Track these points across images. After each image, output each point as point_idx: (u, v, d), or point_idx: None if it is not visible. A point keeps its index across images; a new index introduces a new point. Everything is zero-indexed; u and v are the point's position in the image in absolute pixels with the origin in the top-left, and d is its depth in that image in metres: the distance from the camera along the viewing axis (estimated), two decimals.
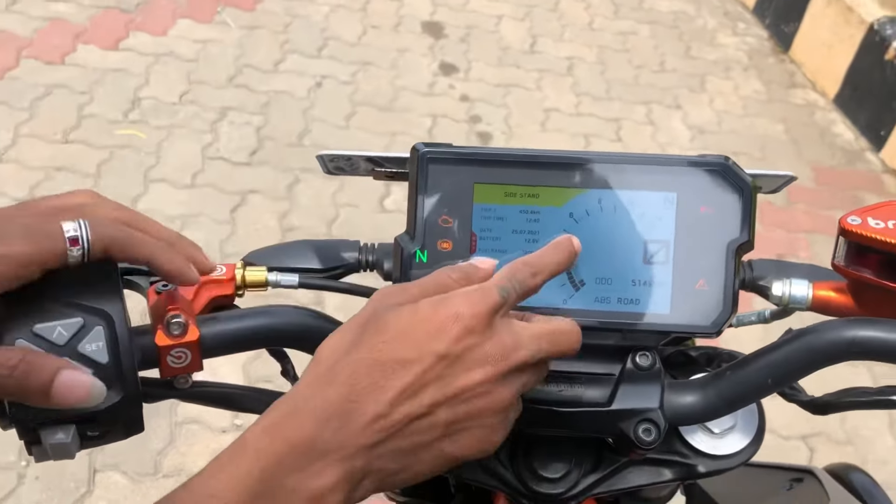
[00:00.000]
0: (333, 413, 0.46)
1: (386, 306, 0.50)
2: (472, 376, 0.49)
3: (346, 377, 0.47)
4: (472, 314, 0.49)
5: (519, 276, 0.52)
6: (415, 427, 0.48)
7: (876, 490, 0.88)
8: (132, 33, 3.04)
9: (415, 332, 0.48)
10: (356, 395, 0.46)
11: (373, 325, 0.49)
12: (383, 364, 0.47)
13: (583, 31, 3.53)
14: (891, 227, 0.58)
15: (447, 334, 0.48)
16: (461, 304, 0.49)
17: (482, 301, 0.50)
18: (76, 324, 0.48)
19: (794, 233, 2.65)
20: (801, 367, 0.58)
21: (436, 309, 0.49)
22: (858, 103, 3.19)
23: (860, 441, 2.08)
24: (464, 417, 0.49)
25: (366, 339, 0.48)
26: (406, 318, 0.48)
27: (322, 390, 0.47)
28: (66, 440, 0.48)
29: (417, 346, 0.47)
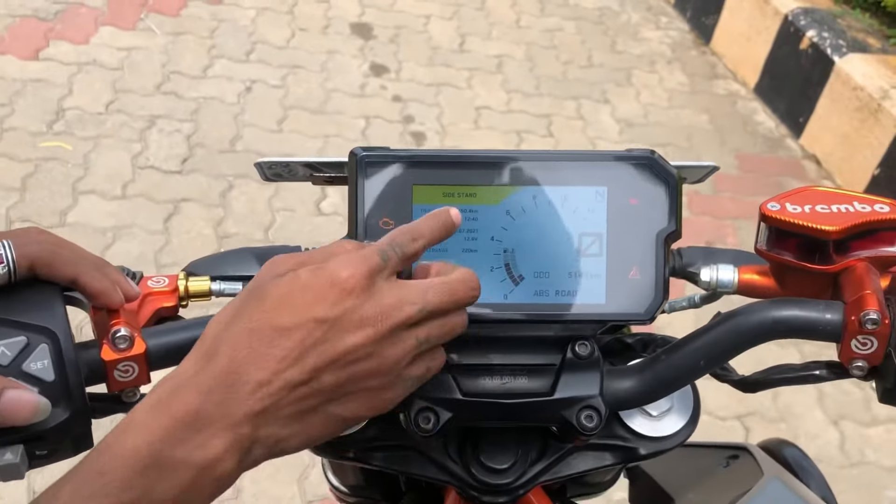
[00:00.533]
0: (216, 384, 0.46)
1: (270, 276, 0.50)
2: (353, 339, 0.49)
3: (227, 348, 0.47)
4: (349, 276, 0.49)
5: (398, 240, 0.53)
6: (299, 393, 0.48)
7: (806, 462, 0.93)
8: (52, 42, 2.96)
9: (293, 299, 0.48)
10: (237, 364, 0.47)
11: (254, 295, 0.49)
12: (262, 332, 0.47)
13: (510, 28, 3.57)
14: (807, 211, 0.61)
15: (325, 299, 0.48)
16: (339, 267, 0.49)
17: (361, 263, 0.50)
18: (20, 343, 0.48)
19: (721, 219, 2.74)
20: (730, 347, 0.61)
21: (315, 274, 0.49)
22: (777, 92, 3.30)
23: (792, 418, 2.16)
24: (349, 380, 0.49)
25: (246, 309, 0.48)
26: (286, 286, 0.49)
27: (205, 364, 0.47)
28: (14, 460, 0.48)
29: (296, 313, 0.48)
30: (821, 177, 3.03)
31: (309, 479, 1.83)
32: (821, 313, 0.59)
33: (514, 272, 0.62)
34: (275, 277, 0.49)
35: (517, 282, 0.62)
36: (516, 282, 0.62)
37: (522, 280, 0.62)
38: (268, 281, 0.49)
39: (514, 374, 0.64)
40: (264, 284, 0.49)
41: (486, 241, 0.62)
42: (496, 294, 0.62)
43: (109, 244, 2.30)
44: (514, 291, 0.62)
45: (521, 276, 0.62)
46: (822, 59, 3.06)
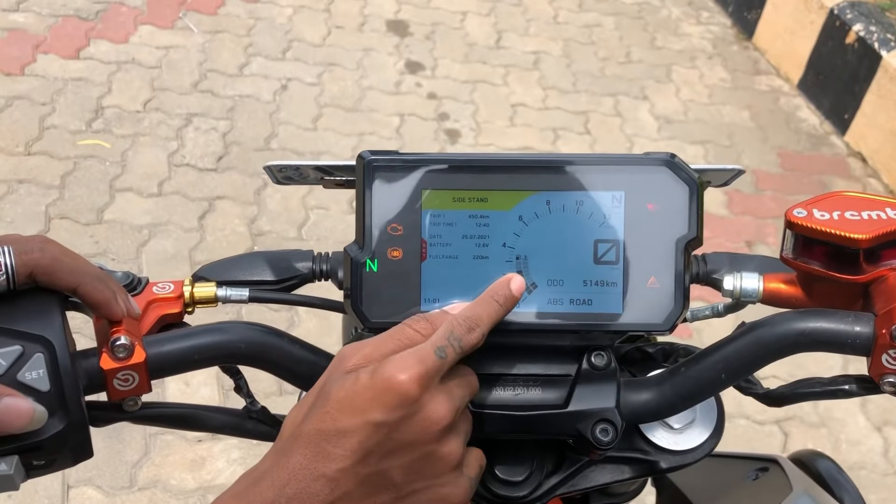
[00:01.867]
0: (290, 479, 0.50)
1: (337, 375, 0.52)
2: (412, 438, 0.51)
3: (299, 447, 0.51)
4: (407, 381, 0.50)
5: (457, 333, 0.54)
6: (366, 489, 0.51)
7: (841, 476, 0.89)
8: (93, 41, 3.00)
9: (353, 402, 0.50)
10: (308, 462, 0.50)
11: (321, 396, 0.52)
12: (327, 434, 0.50)
13: (548, 24, 3.53)
14: (836, 218, 0.58)
15: (383, 403, 0.50)
16: (396, 371, 0.51)
17: (418, 365, 0.51)
18: (15, 352, 0.47)
19: (762, 219, 2.67)
20: (752, 360, 0.58)
21: (373, 378, 0.51)
22: (822, 88, 3.22)
23: (833, 423, 2.10)
24: (415, 476, 0.52)
25: (314, 410, 0.51)
26: (347, 389, 0.51)
27: (280, 460, 0.51)
28: (8, 471, 0.47)
29: (356, 416, 0.50)
30: (866, 175, 2.94)
31: None
32: (850, 326, 0.56)
33: (527, 280, 0.60)
34: (340, 377, 0.52)
35: (530, 290, 0.60)
36: (529, 290, 0.60)
37: (536, 288, 0.60)
38: (334, 382, 0.52)
39: (528, 384, 0.62)
40: (329, 385, 0.52)
41: (497, 248, 0.60)
42: None
43: (145, 241, 2.33)
44: (526, 300, 0.60)
45: (534, 284, 0.60)
46: (868, 54, 2.97)
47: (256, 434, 0.60)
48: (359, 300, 0.60)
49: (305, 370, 0.58)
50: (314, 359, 0.59)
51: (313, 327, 2.13)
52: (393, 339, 0.54)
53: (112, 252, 2.28)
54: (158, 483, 1.80)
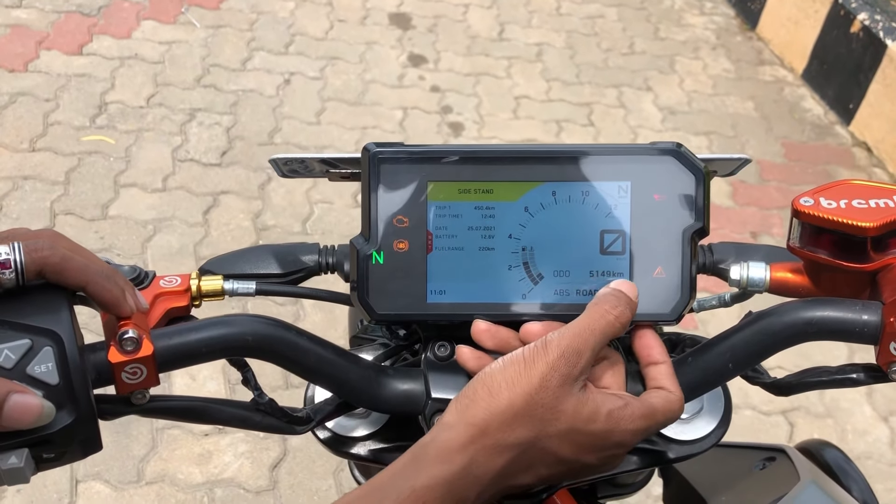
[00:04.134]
0: (491, 485, 0.54)
1: (559, 381, 0.53)
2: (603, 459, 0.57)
3: (515, 454, 0.54)
4: (629, 448, 0.57)
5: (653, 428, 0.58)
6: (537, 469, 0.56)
7: (848, 465, 0.89)
8: (96, 37, 3.00)
9: (583, 437, 0.55)
10: (512, 472, 0.54)
11: (550, 403, 0.53)
12: (545, 453, 0.54)
13: (550, 16, 3.52)
14: (843, 206, 0.58)
15: (603, 453, 0.56)
16: (633, 438, 0.56)
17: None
18: (24, 346, 0.48)
19: (767, 209, 2.67)
20: (760, 350, 0.58)
21: (612, 429, 0.55)
22: (826, 78, 3.21)
23: (840, 413, 2.10)
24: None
25: (543, 419, 0.53)
26: (584, 421, 0.54)
27: (493, 458, 0.53)
28: (19, 464, 0.47)
29: (577, 452, 0.55)
30: (871, 165, 2.94)
31: (344, 471, 1.84)
32: (857, 314, 0.56)
33: (533, 271, 0.60)
34: (567, 392, 0.54)
35: (536, 281, 0.60)
36: (535, 281, 0.60)
37: (542, 279, 0.60)
38: (563, 396, 0.54)
39: None
40: (564, 401, 0.54)
41: (503, 239, 0.60)
42: (515, 293, 0.60)
43: (150, 236, 2.33)
44: (533, 291, 0.60)
45: (540, 275, 0.60)
46: (873, 43, 2.96)
47: (265, 427, 0.61)
48: (365, 292, 0.60)
49: (313, 362, 0.58)
50: (321, 351, 0.59)
51: (319, 321, 2.13)
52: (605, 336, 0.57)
53: (117, 248, 2.29)
54: (166, 477, 1.81)
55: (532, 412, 0.53)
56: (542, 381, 0.53)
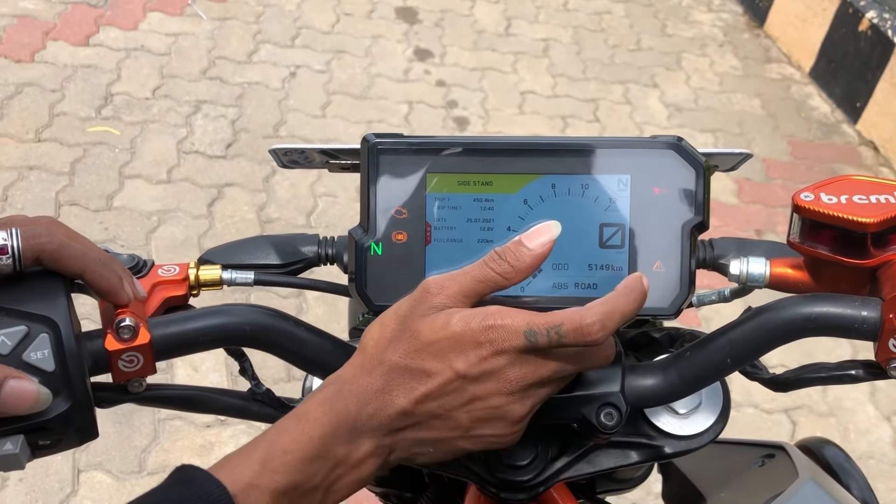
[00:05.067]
0: (370, 398, 0.54)
1: (423, 309, 0.54)
2: (486, 392, 0.54)
3: (383, 372, 0.54)
4: (492, 348, 0.53)
5: (564, 330, 0.53)
6: (434, 423, 0.55)
7: (848, 463, 0.89)
8: (102, 28, 3.01)
9: (440, 347, 0.54)
10: (389, 388, 0.54)
11: (408, 330, 0.54)
12: (413, 370, 0.54)
13: (558, 12, 3.51)
14: (843, 202, 0.58)
15: (467, 356, 0.53)
16: (489, 334, 0.53)
17: (505, 340, 0.53)
18: (20, 332, 0.48)
19: (771, 207, 2.66)
20: (758, 345, 0.58)
21: (464, 328, 0.53)
22: (834, 76, 3.19)
23: (842, 412, 2.09)
24: (479, 422, 0.56)
25: (400, 342, 0.55)
26: (437, 331, 0.54)
27: (363, 377, 0.55)
28: (14, 451, 0.47)
29: (441, 360, 0.54)
30: (878, 164, 2.92)
31: None
32: (857, 310, 0.56)
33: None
34: (429, 314, 0.54)
35: (535, 274, 0.60)
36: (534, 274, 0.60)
37: (540, 272, 0.60)
38: (421, 318, 0.54)
39: None
40: (418, 322, 0.54)
41: (502, 232, 0.60)
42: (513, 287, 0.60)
43: (154, 228, 2.33)
44: (531, 283, 0.60)
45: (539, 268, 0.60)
46: (882, 41, 2.95)
47: (261, 416, 0.61)
48: (363, 283, 0.60)
49: (311, 353, 0.58)
50: (320, 341, 0.59)
51: (322, 314, 2.13)
52: (477, 281, 0.55)
53: (121, 239, 2.29)
54: (168, 468, 1.81)
55: (392, 337, 0.55)
56: (402, 311, 0.55)
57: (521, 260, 0.55)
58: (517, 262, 0.55)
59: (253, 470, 0.50)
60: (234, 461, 0.51)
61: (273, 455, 0.51)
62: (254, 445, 0.52)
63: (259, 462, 0.50)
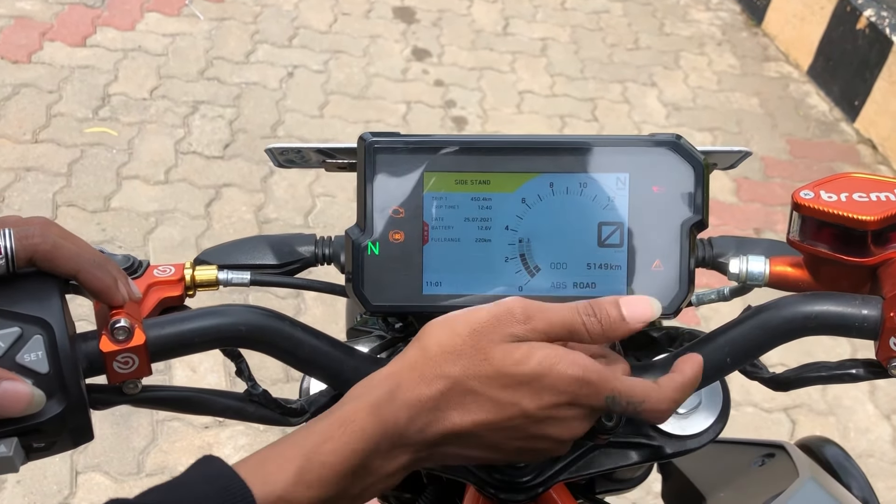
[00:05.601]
0: (424, 412, 0.52)
1: (502, 334, 0.52)
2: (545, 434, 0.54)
3: (442, 387, 0.52)
4: (566, 397, 0.52)
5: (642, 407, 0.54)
6: (481, 446, 0.54)
7: (848, 462, 0.88)
8: (99, 29, 3.00)
9: (514, 381, 0.52)
10: (447, 405, 0.52)
11: (482, 348, 0.52)
12: (477, 394, 0.52)
13: (555, 11, 3.51)
14: (844, 200, 0.57)
15: (542, 400, 0.52)
16: (562, 383, 0.52)
17: (587, 398, 0.52)
18: (13, 334, 0.47)
19: (770, 206, 2.66)
20: (758, 344, 0.57)
21: (542, 368, 0.51)
22: (832, 74, 3.19)
23: (841, 411, 2.09)
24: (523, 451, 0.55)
25: (471, 360, 0.52)
26: (512, 364, 0.52)
27: (421, 386, 0.52)
28: (7, 453, 0.47)
29: (512, 394, 0.52)
30: (876, 162, 2.92)
31: None
32: (857, 309, 0.55)
33: (530, 263, 0.60)
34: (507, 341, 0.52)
35: (533, 273, 0.60)
36: (532, 273, 0.60)
37: (539, 271, 0.60)
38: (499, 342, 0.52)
39: None
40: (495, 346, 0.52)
41: (500, 231, 0.59)
42: (511, 286, 0.60)
43: (152, 229, 2.33)
44: (529, 283, 0.60)
45: (537, 267, 0.60)
46: (880, 40, 2.94)
47: (257, 418, 0.60)
48: (360, 283, 0.59)
49: (307, 353, 0.58)
50: (316, 342, 0.58)
51: (320, 314, 2.13)
52: (564, 326, 0.53)
53: (119, 240, 2.29)
54: (166, 469, 1.81)
55: (461, 351, 0.52)
56: (478, 326, 0.53)
57: (612, 328, 0.54)
58: (607, 327, 0.54)
59: (287, 481, 0.48)
60: (270, 466, 0.49)
61: (312, 466, 0.49)
62: (292, 449, 0.50)
63: (296, 473, 0.48)
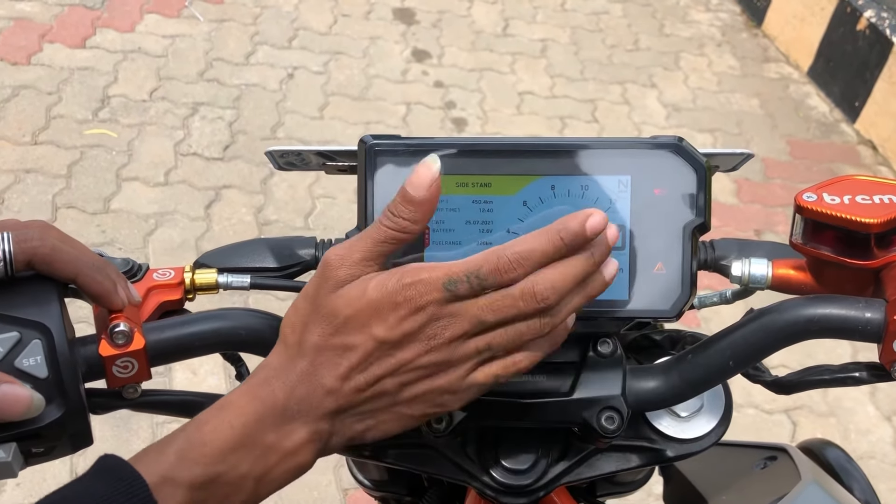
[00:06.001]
0: (297, 382, 0.52)
1: (332, 285, 0.52)
2: (408, 354, 0.52)
3: (307, 355, 0.52)
4: (409, 307, 0.51)
5: (483, 272, 0.51)
6: (365, 395, 0.53)
7: (850, 464, 0.88)
8: (99, 30, 3.00)
9: (360, 317, 0.52)
10: (315, 369, 0.52)
11: (323, 307, 0.52)
12: (335, 347, 0.52)
13: (555, 12, 3.51)
14: (847, 202, 0.57)
15: (385, 321, 0.51)
16: (401, 292, 0.51)
17: (423, 296, 0.51)
18: (12, 338, 0.47)
19: (771, 207, 2.65)
20: (761, 347, 0.57)
21: (379, 293, 0.51)
22: (832, 75, 3.19)
23: (842, 413, 2.09)
24: (410, 384, 0.53)
25: (319, 322, 0.53)
26: (353, 302, 0.52)
27: (288, 361, 0.53)
28: (6, 459, 0.46)
29: (360, 332, 0.52)
30: (877, 163, 2.92)
31: (344, 467, 1.83)
32: (860, 312, 0.55)
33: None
34: (340, 288, 0.52)
35: None
36: None
37: None
38: (333, 294, 0.52)
39: (533, 372, 0.61)
40: (333, 299, 0.52)
41: (501, 234, 0.59)
42: None
43: (152, 230, 2.33)
44: None
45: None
46: (880, 41, 2.94)
47: None
48: None
49: None
50: None
51: None
52: (377, 242, 0.52)
53: (119, 241, 2.28)
54: None
55: (308, 320, 0.53)
56: (311, 290, 0.53)
57: (413, 212, 0.52)
58: (410, 214, 0.52)
59: (169, 462, 0.49)
60: (152, 453, 0.50)
61: (191, 446, 0.50)
62: (173, 437, 0.51)
63: (176, 453, 0.49)
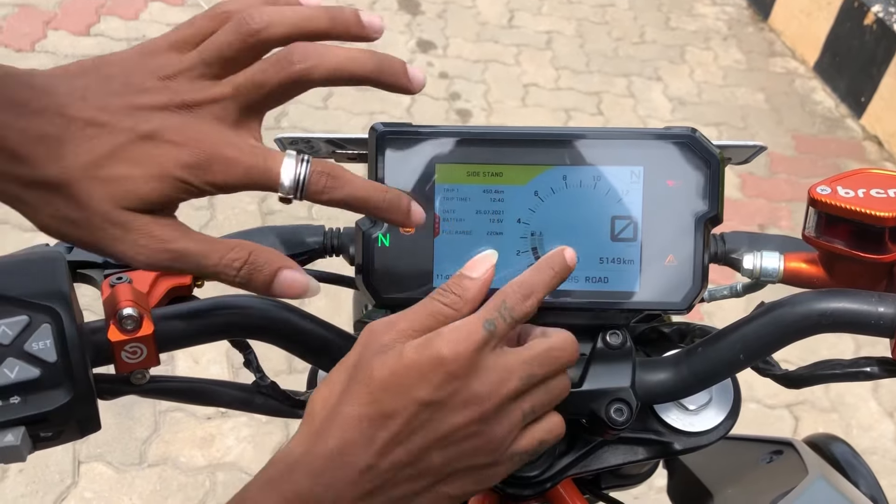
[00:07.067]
0: (326, 466, 0.47)
1: (372, 351, 0.49)
2: (458, 419, 0.49)
3: (336, 431, 0.48)
4: (454, 357, 0.48)
5: (509, 303, 0.51)
6: (406, 473, 0.48)
7: (856, 459, 0.88)
8: (103, 18, 2.99)
9: (398, 382, 0.48)
10: (346, 448, 0.47)
11: (359, 375, 0.49)
12: (371, 418, 0.48)
13: (561, 4, 3.49)
14: (861, 195, 0.56)
15: (430, 381, 0.48)
16: (444, 345, 0.48)
17: (466, 340, 0.49)
18: (21, 322, 0.47)
19: (775, 202, 2.65)
20: (772, 341, 0.57)
21: (419, 354, 0.48)
22: (838, 70, 3.18)
23: (844, 408, 2.09)
24: (455, 459, 0.49)
25: (353, 391, 0.48)
26: (390, 367, 0.48)
27: (314, 445, 0.48)
28: (15, 442, 0.46)
29: (401, 396, 0.48)
30: (882, 158, 2.91)
31: None
32: (873, 306, 0.55)
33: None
34: (378, 354, 0.49)
35: None
36: None
37: None
38: (372, 358, 0.49)
39: None
40: (369, 363, 0.49)
41: (512, 224, 0.59)
42: None
43: None
44: None
45: None
46: (887, 36, 2.93)
47: (266, 409, 0.60)
48: (370, 275, 0.59)
49: (317, 344, 0.57)
50: (325, 333, 0.58)
51: (323, 306, 2.12)
52: (426, 315, 0.51)
53: None
54: (168, 460, 1.81)
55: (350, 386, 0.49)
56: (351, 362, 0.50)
57: (467, 290, 0.52)
58: (463, 292, 0.52)
59: None
60: None
61: None
62: None
63: None
